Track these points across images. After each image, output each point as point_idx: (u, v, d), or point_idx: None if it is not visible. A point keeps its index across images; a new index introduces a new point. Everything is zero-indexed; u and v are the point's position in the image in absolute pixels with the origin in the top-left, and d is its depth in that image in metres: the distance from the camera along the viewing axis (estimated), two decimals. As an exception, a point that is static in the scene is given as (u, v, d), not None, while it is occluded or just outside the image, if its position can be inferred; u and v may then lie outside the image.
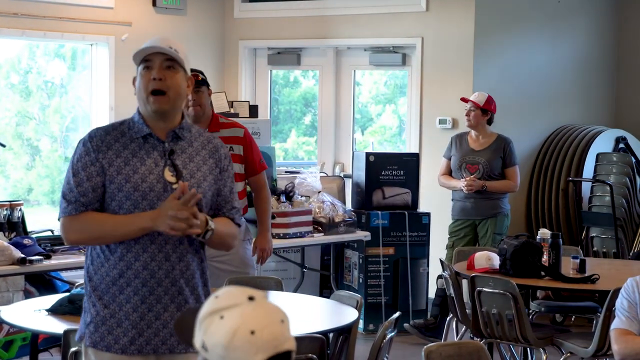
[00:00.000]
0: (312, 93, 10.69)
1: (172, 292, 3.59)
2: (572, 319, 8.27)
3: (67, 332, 4.30)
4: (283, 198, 7.67)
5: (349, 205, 8.69)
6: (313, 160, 10.33)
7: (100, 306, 3.58)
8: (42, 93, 9.40)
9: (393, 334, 4.78)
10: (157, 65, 3.59)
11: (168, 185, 3.57)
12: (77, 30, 8.94)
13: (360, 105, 10.39)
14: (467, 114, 8.01)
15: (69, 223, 3.58)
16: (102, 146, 3.57)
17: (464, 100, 8.05)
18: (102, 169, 3.56)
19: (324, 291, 8.52)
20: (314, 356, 4.46)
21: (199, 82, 5.98)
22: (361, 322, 8.13)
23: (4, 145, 7.32)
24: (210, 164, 3.70)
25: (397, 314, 4.87)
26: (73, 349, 4.26)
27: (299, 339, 2.23)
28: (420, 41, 9.37)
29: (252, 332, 2.02)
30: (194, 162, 3.67)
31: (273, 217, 7.39)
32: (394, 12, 9.49)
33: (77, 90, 9.54)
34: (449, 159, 8.14)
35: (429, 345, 4.04)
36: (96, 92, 9.31)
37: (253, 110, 8.53)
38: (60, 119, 9.53)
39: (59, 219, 3.62)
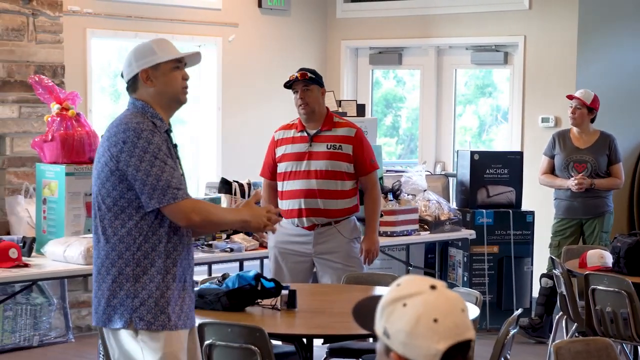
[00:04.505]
0: (393, 94, 10.73)
1: (192, 271, 4.09)
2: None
3: (201, 325, 4.41)
4: (390, 196, 7.72)
5: (452, 203, 8.72)
6: (393, 160, 10.40)
7: (164, 287, 3.88)
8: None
9: (515, 330, 4.82)
10: (183, 67, 4.06)
11: (183, 176, 4.01)
12: (186, 32, 9.12)
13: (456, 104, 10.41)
14: (573, 112, 7.97)
15: (190, 206, 3.90)
16: (163, 136, 3.95)
17: (570, 97, 8.02)
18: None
19: (429, 289, 8.53)
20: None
21: (308, 80, 6.06)
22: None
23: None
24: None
25: (518, 311, 4.91)
26: (207, 342, 4.37)
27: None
28: (522, 39, 9.36)
29: (435, 320, 2.08)
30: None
31: (381, 216, 7.46)
32: (496, 11, 9.49)
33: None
34: (551, 157, 8.11)
35: (557, 342, 4.07)
36: (204, 92, 9.47)
37: (360, 109, 8.61)
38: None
39: (162, 205, 3.85)
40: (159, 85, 3.95)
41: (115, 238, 3.88)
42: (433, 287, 2.12)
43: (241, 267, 6.99)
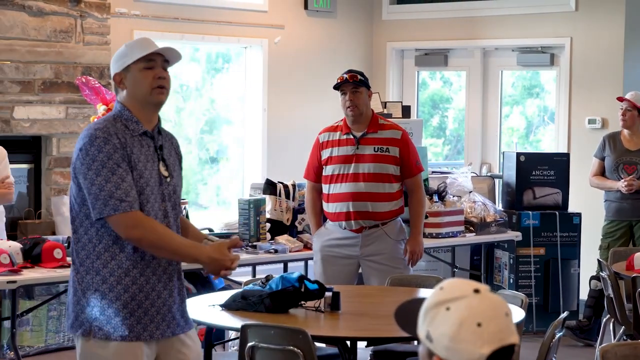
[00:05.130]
0: (440, 95, 10.70)
1: (170, 279, 3.89)
2: None
3: (244, 327, 4.41)
4: (435, 198, 7.70)
5: (498, 205, 8.68)
6: (440, 161, 10.36)
7: (112, 298, 3.76)
8: (178, 96, 9.61)
9: (561, 333, 4.78)
10: (159, 65, 3.88)
11: (163, 180, 3.87)
12: (232, 34, 9.16)
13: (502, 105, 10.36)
14: (623, 114, 7.91)
15: (133, 220, 3.71)
16: (124, 142, 3.78)
17: (620, 99, 7.96)
18: (130, 165, 3.77)
19: (474, 291, 8.50)
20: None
21: (357, 82, 6.06)
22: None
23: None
24: (174, 156, 4.05)
25: (565, 314, 4.87)
26: (250, 344, 4.37)
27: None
28: (569, 41, 9.30)
29: (479, 325, 2.06)
30: (172, 156, 4.01)
31: (426, 217, 7.44)
32: (543, 12, 9.44)
33: (211, 93, 9.74)
34: (602, 159, 8.05)
35: (604, 345, 4.04)
36: (249, 94, 9.50)
37: (406, 111, 8.59)
38: (194, 122, 9.74)
39: (102, 218, 3.72)
40: (129, 87, 3.86)
41: (79, 245, 3.82)
42: (477, 291, 2.10)
43: (285, 269, 7.00)
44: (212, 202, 9.82)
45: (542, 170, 8.50)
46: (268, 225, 6.98)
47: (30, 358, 7.26)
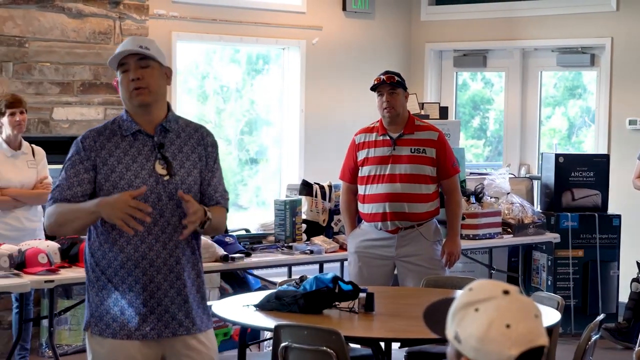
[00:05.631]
0: (481, 96, 10.65)
1: (171, 278, 3.77)
2: None
3: (278, 327, 4.42)
4: (472, 199, 7.67)
5: (537, 206, 8.63)
6: (481, 162, 10.31)
7: (105, 295, 3.78)
8: (218, 97, 9.64)
9: (597, 336, 4.75)
10: (133, 67, 3.75)
11: (159, 178, 3.76)
12: (270, 35, 9.17)
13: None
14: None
15: (47, 213, 3.80)
16: (94, 146, 3.77)
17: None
18: (94, 167, 3.75)
19: (512, 293, 8.46)
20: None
21: (394, 84, 6.05)
22: (550, 324, 8.07)
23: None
24: (198, 151, 3.88)
25: (601, 316, 4.84)
26: (283, 344, 4.37)
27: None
28: (609, 41, 9.24)
29: (508, 326, 2.05)
30: (183, 153, 3.84)
31: (463, 218, 7.42)
32: (583, 13, 9.38)
33: (251, 94, 9.77)
34: None
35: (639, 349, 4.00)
36: (287, 95, 9.51)
37: (443, 112, 8.57)
38: (235, 123, 9.77)
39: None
40: (120, 92, 3.83)
41: (87, 242, 3.90)
42: (506, 292, 2.09)
43: (321, 270, 7.00)
44: (252, 202, 9.85)
45: (581, 172, 8.44)
46: (304, 226, 6.99)
47: (69, 357, 7.31)
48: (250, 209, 9.70)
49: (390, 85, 6.04)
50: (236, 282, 8.14)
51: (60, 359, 7.23)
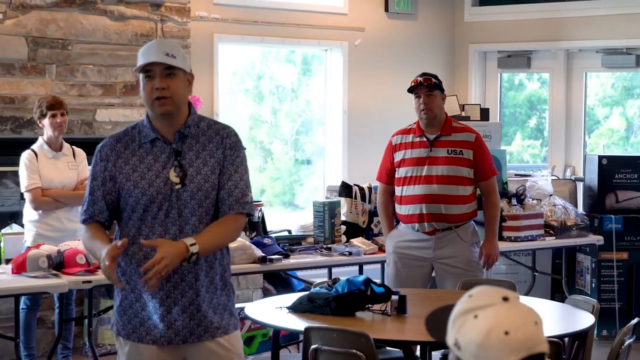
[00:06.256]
0: (538, 96, 10.58)
1: (186, 284, 3.76)
2: None
3: (307, 330, 4.43)
4: (514, 201, 7.63)
5: (580, 208, 8.57)
6: (538, 163, 10.24)
7: (132, 299, 3.80)
8: (274, 97, 9.68)
9: (631, 340, 4.71)
10: (158, 75, 3.69)
11: (173, 186, 3.73)
12: (312, 36, 9.20)
13: (587, 107, 10.21)
14: None
15: (80, 230, 3.92)
16: (111, 155, 3.77)
17: None
18: (112, 177, 3.76)
19: (556, 295, 8.42)
20: (551, 360, 4.44)
21: (431, 86, 6.05)
22: (594, 327, 8.01)
23: (244, 148, 7.57)
24: (217, 156, 3.81)
25: (635, 320, 4.79)
26: (314, 346, 4.39)
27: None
28: (656, 42, 9.16)
29: (507, 333, 2.05)
30: (200, 159, 3.78)
31: (504, 220, 7.39)
32: (628, 13, 9.29)
33: (307, 94, 9.79)
34: None
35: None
36: (330, 96, 9.53)
37: (484, 113, 8.54)
38: (290, 123, 9.80)
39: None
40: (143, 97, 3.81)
41: None
42: (505, 299, 2.09)
43: (360, 271, 7.01)
44: (308, 202, 9.89)
45: (626, 174, 8.37)
46: (343, 227, 7.01)
47: (111, 356, 7.38)
48: (306, 209, 9.73)
49: (428, 87, 6.04)
50: (279, 283, 8.18)
51: (104, 358, 7.33)
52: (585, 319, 4.89)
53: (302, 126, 9.82)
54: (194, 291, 3.79)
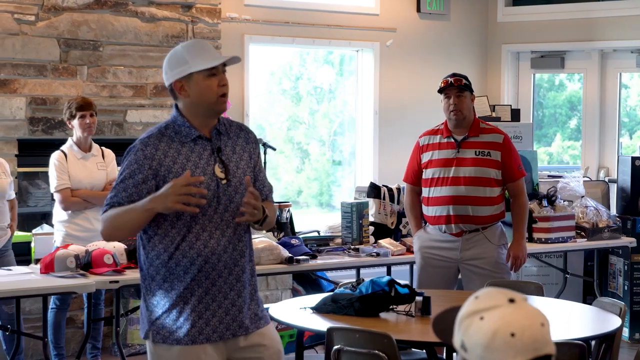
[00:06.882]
0: (578, 97, 10.51)
1: (231, 280, 3.83)
2: None
3: (330, 330, 4.43)
4: (545, 202, 7.58)
5: (613, 210, 8.50)
6: (578, 164, 10.16)
7: (166, 302, 3.78)
8: (312, 98, 9.68)
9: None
10: (221, 71, 3.80)
11: (219, 182, 3.78)
12: (344, 37, 9.20)
13: (629, 108, 10.12)
14: None
15: (102, 219, 3.79)
16: (156, 154, 3.74)
17: None
18: (154, 176, 3.73)
19: (587, 298, 8.35)
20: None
21: (462, 86, 6.02)
22: (626, 330, 7.95)
23: (274, 149, 7.60)
24: (248, 150, 3.93)
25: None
26: (336, 347, 4.38)
27: (558, 345, 2.23)
28: (690, 42, 9.08)
29: (512, 335, 2.04)
30: (237, 154, 3.89)
31: (535, 222, 7.34)
32: (663, 13, 9.24)
33: (344, 95, 9.78)
34: None
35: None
36: (361, 96, 9.52)
37: (515, 114, 8.49)
38: (328, 124, 9.80)
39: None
40: (193, 96, 3.76)
41: (142, 249, 3.89)
42: (511, 301, 2.08)
43: (389, 272, 7.00)
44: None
45: (660, 175, 8.29)
46: (371, 228, 7.00)
47: (140, 356, 7.42)
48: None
49: (458, 88, 6.01)
50: (309, 284, 8.18)
51: (132, 358, 7.37)
52: (612, 322, 4.84)
53: (339, 127, 9.82)
54: (242, 284, 3.87)
